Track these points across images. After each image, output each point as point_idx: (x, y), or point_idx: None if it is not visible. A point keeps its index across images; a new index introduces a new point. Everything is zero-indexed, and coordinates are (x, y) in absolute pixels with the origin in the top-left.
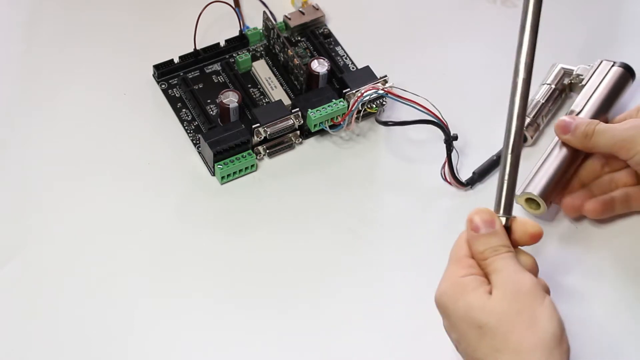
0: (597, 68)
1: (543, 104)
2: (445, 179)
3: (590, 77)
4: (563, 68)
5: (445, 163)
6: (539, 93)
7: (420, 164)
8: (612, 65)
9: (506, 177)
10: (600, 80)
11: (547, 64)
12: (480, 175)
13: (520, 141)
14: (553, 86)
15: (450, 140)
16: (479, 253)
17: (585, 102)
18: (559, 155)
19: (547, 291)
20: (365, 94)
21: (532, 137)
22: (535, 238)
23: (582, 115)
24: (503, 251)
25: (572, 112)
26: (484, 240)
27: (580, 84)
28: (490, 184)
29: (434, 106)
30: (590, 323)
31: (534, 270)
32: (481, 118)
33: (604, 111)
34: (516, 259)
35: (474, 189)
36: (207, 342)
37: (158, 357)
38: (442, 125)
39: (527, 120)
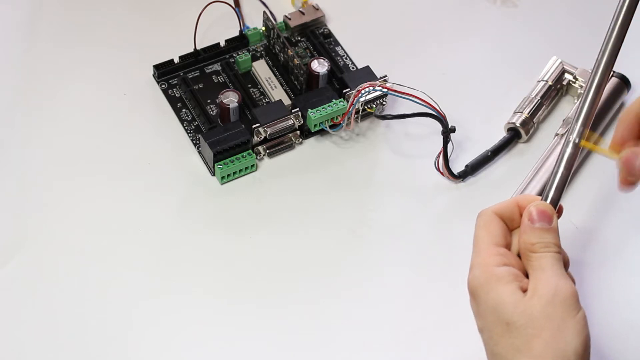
0: None
1: (539, 101)
2: (438, 169)
3: None
4: (563, 65)
5: (440, 153)
6: (535, 89)
7: (420, 164)
8: (611, 76)
9: (559, 174)
10: None
11: (548, 55)
12: (472, 168)
13: (578, 152)
14: (550, 83)
15: (447, 131)
16: (529, 244)
17: None
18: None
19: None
20: (362, 91)
21: (526, 134)
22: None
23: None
24: (554, 250)
25: (568, 120)
26: (539, 234)
27: (578, 90)
28: (483, 178)
29: (432, 99)
30: (590, 323)
31: (566, 268)
32: (480, 117)
33: (597, 122)
34: (562, 263)
35: (475, 185)
36: (207, 342)
37: (158, 357)
38: (440, 117)
39: (522, 116)
